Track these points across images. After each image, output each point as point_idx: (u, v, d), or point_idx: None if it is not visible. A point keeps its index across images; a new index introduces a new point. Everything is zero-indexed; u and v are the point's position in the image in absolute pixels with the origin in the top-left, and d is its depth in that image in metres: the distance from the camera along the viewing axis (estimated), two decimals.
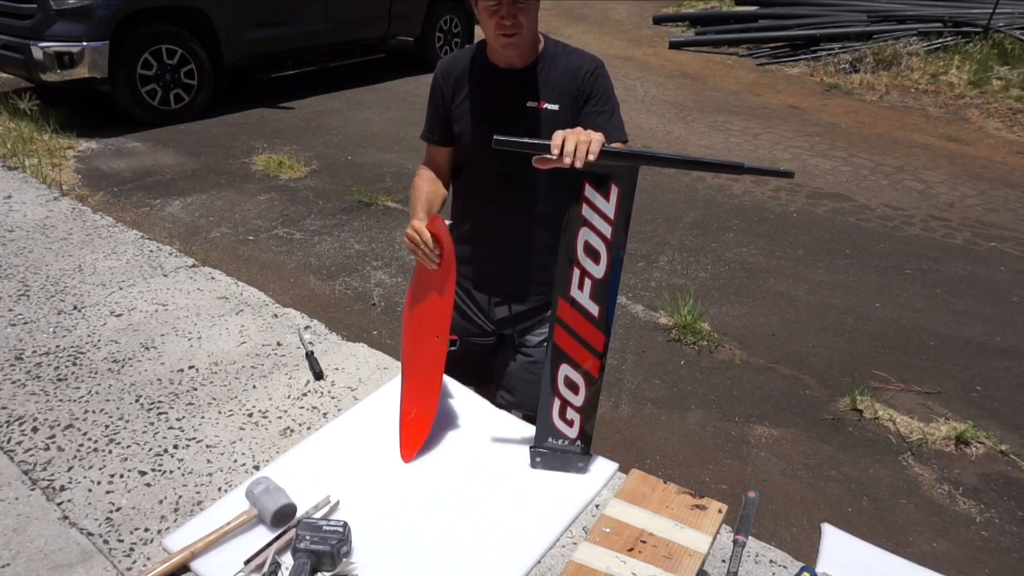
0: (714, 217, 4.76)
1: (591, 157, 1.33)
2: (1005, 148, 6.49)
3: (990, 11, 8.84)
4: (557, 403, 1.57)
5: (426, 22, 7.85)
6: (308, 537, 1.30)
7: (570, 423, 1.58)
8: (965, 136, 6.77)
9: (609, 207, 1.42)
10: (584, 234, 1.44)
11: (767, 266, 4.15)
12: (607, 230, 1.44)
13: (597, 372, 1.54)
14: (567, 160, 1.33)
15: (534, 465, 1.61)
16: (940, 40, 8.72)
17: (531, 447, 1.61)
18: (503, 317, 1.91)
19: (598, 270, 1.47)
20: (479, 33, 1.79)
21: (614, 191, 1.41)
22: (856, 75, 8.31)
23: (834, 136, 6.54)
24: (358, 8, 7.08)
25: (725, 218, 4.74)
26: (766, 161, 5.83)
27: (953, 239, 4.62)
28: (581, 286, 1.48)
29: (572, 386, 1.56)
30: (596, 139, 1.34)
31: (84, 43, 5.14)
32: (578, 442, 1.59)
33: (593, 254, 1.46)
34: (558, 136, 1.34)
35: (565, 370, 1.54)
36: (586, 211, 1.43)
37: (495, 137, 1.38)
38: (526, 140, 1.39)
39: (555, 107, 1.66)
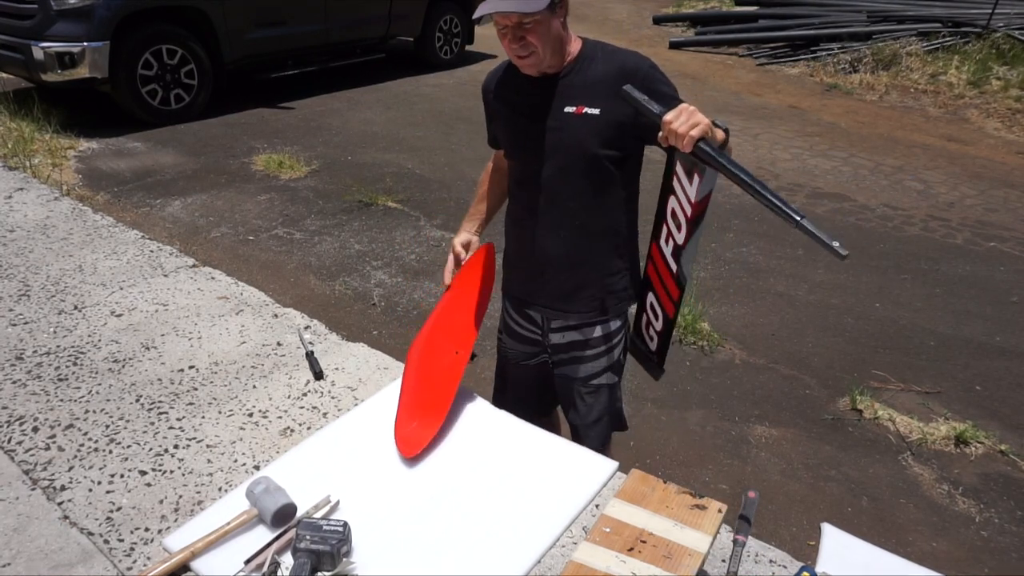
0: (714, 217, 4.76)
1: (684, 148, 1.34)
2: (1004, 148, 6.50)
3: (989, 11, 8.84)
4: (644, 317, 1.78)
5: (426, 22, 7.85)
6: (308, 537, 1.30)
7: (651, 338, 1.77)
8: (965, 136, 6.78)
9: (691, 190, 1.47)
10: (672, 201, 1.55)
11: (767, 266, 4.16)
12: (688, 209, 1.50)
13: (672, 314, 1.68)
14: (669, 140, 1.35)
15: (629, 347, 1.87)
16: (939, 40, 8.72)
17: (631, 335, 1.84)
18: (558, 343, 1.84)
19: (679, 236, 1.56)
20: (479, 33, 1.80)
21: (696, 179, 1.46)
22: (856, 75, 8.32)
23: (834, 136, 6.55)
24: (358, 8, 7.08)
25: (725, 218, 4.74)
26: (766, 162, 5.83)
27: (953, 239, 4.62)
28: (667, 241, 1.60)
29: (654, 312, 1.73)
30: (696, 132, 1.31)
31: (85, 43, 5.14)
32: (655, 356, 1.77)
33: (676, 222, 1.55)
34: (672, 115, 1.34)
35: (651, 298, 1.73)
36: (675, 184, 1.52)
37: (624, 88, 1.42)
38: (646, 102, 1.41)
39: (595, 111, 1.57)
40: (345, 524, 1.35)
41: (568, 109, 1.58)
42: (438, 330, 1.78)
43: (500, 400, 1.99)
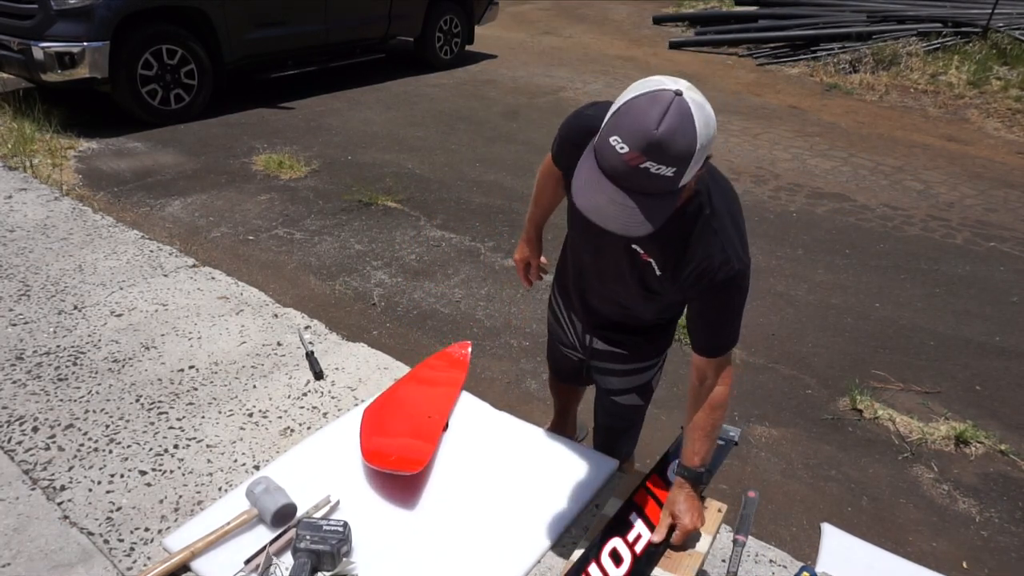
0: None
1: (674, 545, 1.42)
2: (1004, 148, 6.50)
3: (989, 11, 8.84)
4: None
5: (426, 22, 7.85)
6: (308, 537, 1.31)
7: None
8: (965, 136, 6.78)
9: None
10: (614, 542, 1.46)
11: (767, 266, 4.16)
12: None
13: None
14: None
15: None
16: (939, 40, 8.72)
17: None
18: (598, 348, 1.85)
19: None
20: (479, 33, 1.78)
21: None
22: (856, 75, 8.31)
23: (834, 136, 6.55)
24: (358, 8, 7.08)
25: None
26: (766, 162, 5.83)
27: (953, 239, 4.62)
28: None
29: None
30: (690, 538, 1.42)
31: (85, 43, 5.14)
32: None
33: (617, 558, 1.44)
34: (681, 534, 1.41)
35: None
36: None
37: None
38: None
39: (659, 271, 1.48)
40: (345, 524, 1.35)
41: (636, 247, 1.46)
42: (413, 393, 1.83)
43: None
